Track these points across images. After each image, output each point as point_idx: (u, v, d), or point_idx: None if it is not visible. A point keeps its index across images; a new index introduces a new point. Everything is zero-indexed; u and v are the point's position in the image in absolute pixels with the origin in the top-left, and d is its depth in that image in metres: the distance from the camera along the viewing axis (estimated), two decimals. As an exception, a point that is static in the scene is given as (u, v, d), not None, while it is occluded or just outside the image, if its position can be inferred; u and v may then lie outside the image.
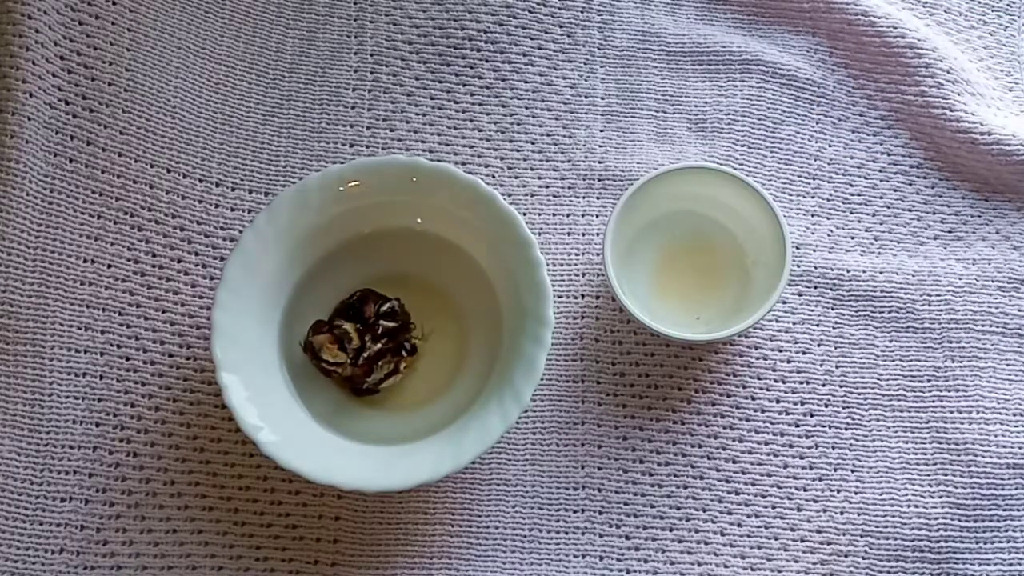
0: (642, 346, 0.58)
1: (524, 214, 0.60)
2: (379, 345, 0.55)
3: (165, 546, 0.54)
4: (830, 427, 0.57)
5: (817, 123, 0.63)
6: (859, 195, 0.62)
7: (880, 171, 0.62)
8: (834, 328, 0.59)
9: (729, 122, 0.63)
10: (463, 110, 0.63)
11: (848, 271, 0.60)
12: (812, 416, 0.57)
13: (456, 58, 0.63)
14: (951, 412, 0.57)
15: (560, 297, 0.59)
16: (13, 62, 0.57)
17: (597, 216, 0.61)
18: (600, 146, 0.62)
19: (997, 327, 0.58)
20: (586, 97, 0.63)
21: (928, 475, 0.56)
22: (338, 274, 0.58)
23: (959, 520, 0.55)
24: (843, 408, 0.57)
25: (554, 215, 0.61)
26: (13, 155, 0.56)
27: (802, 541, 0.55)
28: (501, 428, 0.51)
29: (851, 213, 0.61)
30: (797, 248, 0.60)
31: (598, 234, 0.61)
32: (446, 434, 0.53)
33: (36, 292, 0.56)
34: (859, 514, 0.56)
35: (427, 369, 0.57)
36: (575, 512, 0.56)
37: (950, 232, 0.61)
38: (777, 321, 0.59)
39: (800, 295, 0.59)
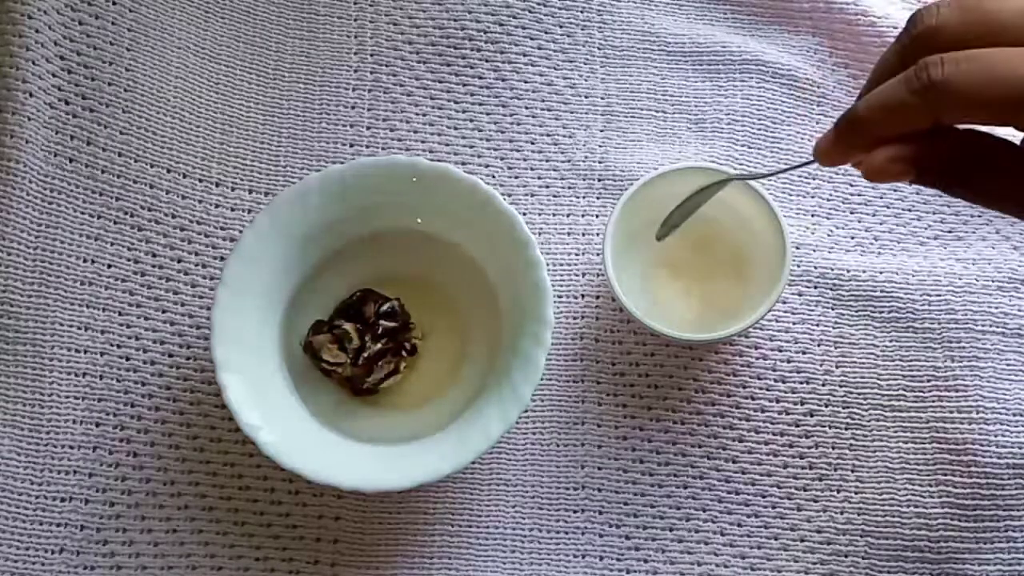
0: (642, 346, 0.58)
1: (524, 214, 0.60)
2: (379, 345, 0.55)
3: (165, 546, 0.54)
4: (830, 427, 0.57)
5: (817, 123, 0.63)
6: (859, 195, 0.62)
7: (880, 171, 0.62)
8: (834, 328, 0.59)
9: (729, 122, 0.63)
10: (463, 110, 0.63)
11: (848, 271, 0.60)
12: (812, 416, 0.57)
13: (456, 58, 0.64)
14: (951, 412, 0.57)
15: (560, 297, 0.59)
16: (13, 62, 0.57)
17: (597, 216, 0.61)
18: (600, 146, 0.62)
19: (997, 327, 0.58)
20: (586, 97, 0.63)
21: (928, 475, 0.56)
22: (338, 274, 0.58)
23: (959, 520, 0.55)
24: (843, 408, 0.57)
25: (554, 215, 0.61)
26: (13, 155, 0.56)
27: (802, 541, 0.56)
28: (501, 428, 0.51)
29: (851, 213, 0.61)
30: (797, 248, 0.60)
31: (598, 234, 0.61)
32: (446, 434, 0.53)
33: (36, 292, 0.56)
34: (859, 514, 0.56)
35: (427, 369, 0.57)
36: (575, 512, 0.56)
37: (950, 232, 0.61)
38: (777, 321, 0.59)
39: (800, 295, 0.59)
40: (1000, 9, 0.36)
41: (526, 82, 0.63)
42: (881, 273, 0.60)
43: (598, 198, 0.61)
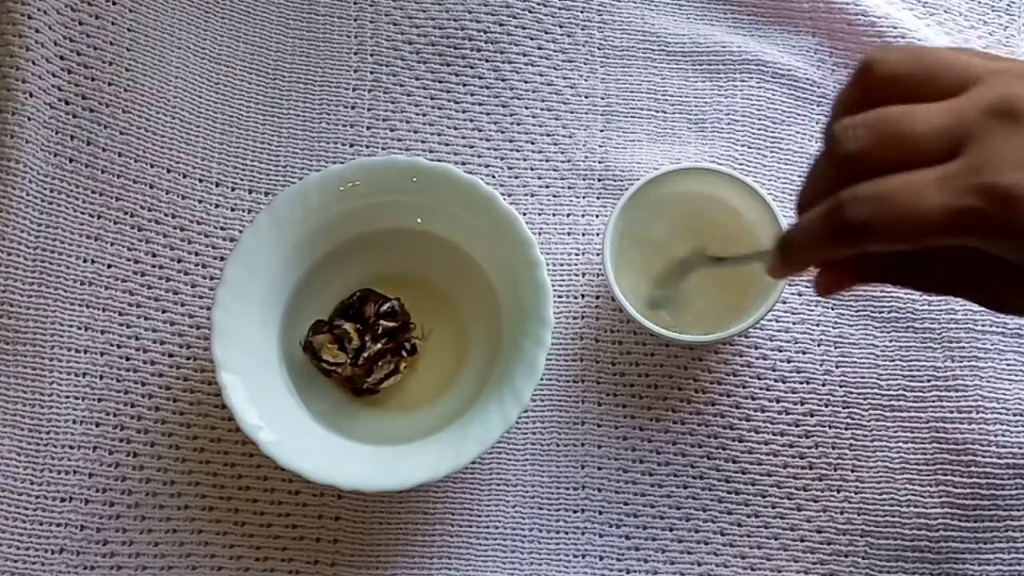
0: (642, 346, 0.58)
1: (524, 214, 0.60)
2: (379, 345, 0.55)
3: (165, 546, 0.54)
4: (830, 427, 0.57)
5: (817, 123, 0.63)
6: (859, 195, 0.62)
7: (880, 171, 0.62)
8: (834, 328, 0.59)
9: (729, 122, 0.63)
10: (463, 110, 0.63)
11: (848, 271, 0.60)
12: (812, 416, 0.57)
13: (456, 58, 0.64)
14: (951, 412, 0.57)
15: (560, 297, 0.59)
16: (13, 62, 0.57)
17: (597, 216, 0.61)
18: (600, 146, 0.62)
19: (997, 327, 0.58)
20: (586, 97, 0.63)
21: (928, 475, 0.56)
22: (338, 274, 0.58)
23: (959, 520, 0.55)
24: (843, 408, 0.57)
25: (554, 215, 0.61)
26: (13, 155, 0.56)
27: (802, 541, 0.56)
28: (501, 428, 0.51)
29: (851, 213, 0.61)
30: (797, 248, 0.60)
31: (598, 234, 0.61)
32: (446, 434, 0.53)
33: (36, 292, 0.56)
34: (859, 514, 0.56)
35: (427, 369, 0.57)
36: (575, 512, 0.56)
37: (950, 232, 0.61)
38: (777, 321, 0.59)
39: (800, 295, 0.59)
40: (912, 129, 0.36)
41: (526, 82, 0.63)
42: (881, 273, 0.60)
43: (598, 198, 0.61)
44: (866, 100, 0.38)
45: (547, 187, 0.61)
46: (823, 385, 0.58)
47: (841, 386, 0.58)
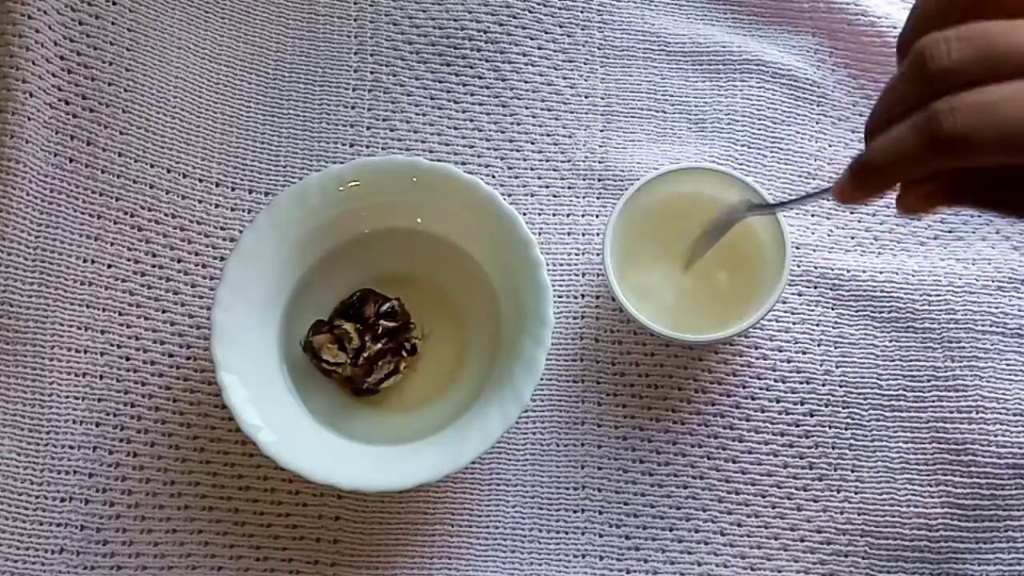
0: (642, 346, 0.58)
1: (524, 214, 0.60)
2: (379, 345, 0.55)
3: (165, 546, 0.54)
4: (830, 427, 0.57)
5: (817, 123, 0.63)
6: (859, 195, 0.62)
7: (880, 171, 0.62)
8: (834, 328, 0.59)
9: (729, 122, 0.63)
10: (463, 110, 0.63)
11: (848, 271, 0.60)
12: (812, 416, 0.57)
13: (456, 58, 0.64)
14: (951, 412, 0.57)
15: (560, 297, 0.59)
16: (13, 62, 0.57)
17: (597, 216, 0.61)
18: (600, 146, 0.62)
19: (997, 327, 0.58)
20: (586, 97, 0.63)
21: (928, 475, 0.56)
22: (338, 274, 0.58)
23: (959, 520, 0.55)
24: (843, 408, 0.57)
25: (554, 215, 0.61)
26: (13, 155, 0.56)
27: (802, 541, 0.56)
28: (501, 428, 0.51)
29: (851, 213, 0.61)
30: (797, 248, 0.60)
31: (598, 234, 0.61)
32: (446, 434, 0.53)
33: (36, 292, 0.56)
34: (859, 514, 0.56)
35: (427, 369, 0.57)
36: (575, 512, 0.56)
37: (950, 232, 0.61)
38: (777, 321, 0.59)
39: (800, 295, 0.59)
40: (1009, 44, 0.34)
41: (526, 82, 0.63)
42: (881, 273, 0.60)
43: (598, 198, 0.61)
44: (951, 9, 0.36)
45: (547, 187, 0.62)
46: (823, 385, 0.58)
47: (841, 386, 0.58)
